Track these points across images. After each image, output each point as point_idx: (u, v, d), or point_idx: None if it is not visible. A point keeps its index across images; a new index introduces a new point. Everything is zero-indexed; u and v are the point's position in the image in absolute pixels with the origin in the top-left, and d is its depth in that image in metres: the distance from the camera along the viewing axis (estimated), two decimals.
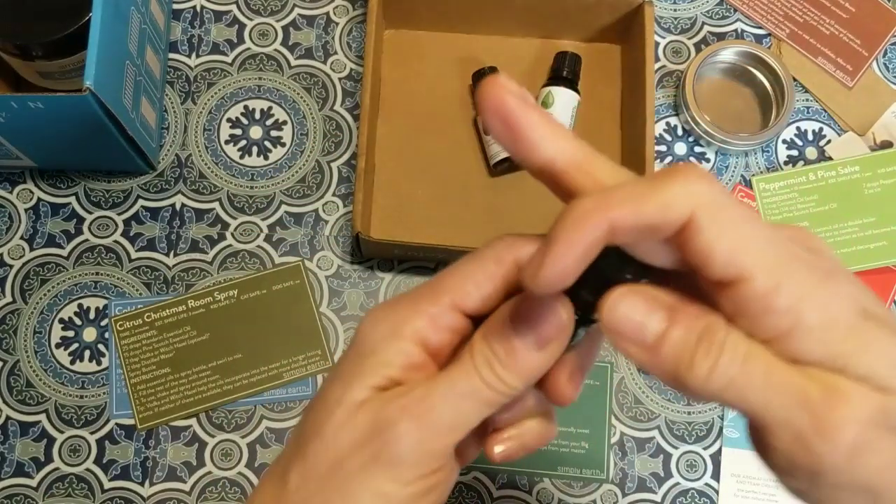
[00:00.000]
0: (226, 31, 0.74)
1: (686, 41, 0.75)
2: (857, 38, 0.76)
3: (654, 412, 0.67)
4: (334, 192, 0.70)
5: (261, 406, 0.66)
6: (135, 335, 0.67)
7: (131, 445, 0.65)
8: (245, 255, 0.69)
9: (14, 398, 0.66)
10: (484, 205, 0.70)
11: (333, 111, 0.72)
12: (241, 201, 0.70)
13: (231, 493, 0.64)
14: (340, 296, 0.68)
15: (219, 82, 0.72)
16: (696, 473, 0.66)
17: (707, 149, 0.73)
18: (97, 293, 0.68)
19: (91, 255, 0.68)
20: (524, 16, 0.71)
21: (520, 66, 0.73)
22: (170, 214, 0.69)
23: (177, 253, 0.69)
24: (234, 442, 0.65)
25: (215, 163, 0.71)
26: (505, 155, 0.68)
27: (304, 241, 0.69)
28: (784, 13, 0.76)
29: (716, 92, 0.74)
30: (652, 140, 0.65)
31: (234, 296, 0.68)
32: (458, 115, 0.72)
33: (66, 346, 0.67)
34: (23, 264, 0.68)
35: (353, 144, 0.71)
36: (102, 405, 0.66)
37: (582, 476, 0.65)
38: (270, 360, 0.66)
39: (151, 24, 0.68)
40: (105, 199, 0.70)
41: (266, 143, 0.71)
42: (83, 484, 0.64)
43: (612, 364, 0.67)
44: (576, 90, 0.70)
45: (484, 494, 0.65)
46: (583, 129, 0.71)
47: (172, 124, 0.71)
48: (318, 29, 0.74)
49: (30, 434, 0.65)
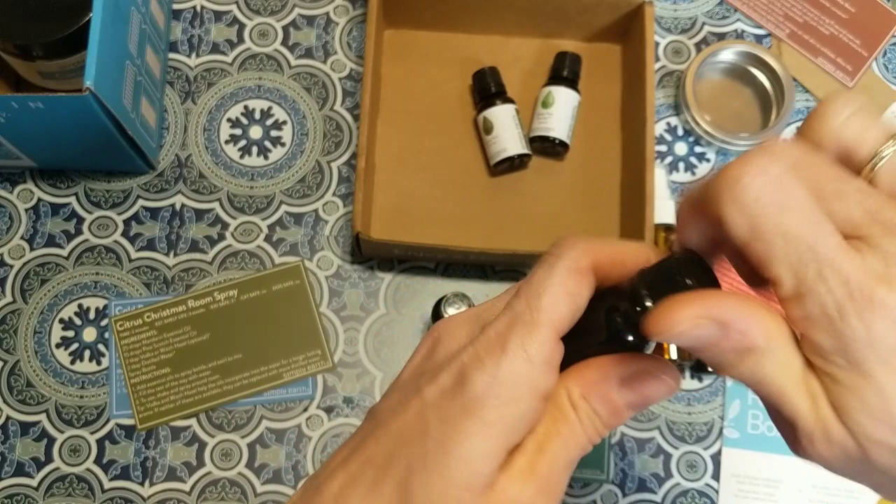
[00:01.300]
0: (226, 31, 0.74)
1: (686, 41, 0.75)
2: (857, 38, 0.76)
3: (654, 412, 0.67)
4: (334, 192, 0.70)
5: (261, 406, 0.66)
6: (135, 335, 0.67)
7: (131, 445, 0.65)
8: (245, 255, 0.69)
9: (14, 398, 0.66)
10: (484, 205, 0.70)
11: (333, 111, 0.72)
12: (241, 201, 0.70)
13: (231, 493, 0.64)
14: (340, 296, 0.68)
15: (219, 82, 0.72)
16: (696, 474, 0.66)
17: (707, 149, 0.73)
18: (97, 293, 0.68)
19: (91, 255, 0.68)
20: (524, 16, 0.71)
21: (520, 66, 0.73)
22: (170, 214, 0.69)
23: (177, 253, 0.69)
24: (234, 442, 0.65)
25: (215, 163, 0.71)
26: (505, 155, 0.68)
27: (304, 241, 0.69)
28: (784, 13, 0.76)
29: (716, 92, 0.74)
30: (652, 140, 0.65)
31: (234, 296, 0.68)
32: (458, 114, 0.72)
33: (67, 346, 0.67)
34: (23, 264, 0.68)
35: (353, 144, 0.72)
36: (102, 405, 0.66)
37: (582, 476, 0.65)
38: (270, 360, 0.66)
39: (151, 24, 0.68)
40: (105, 199, 0.70)
41: (266, 143, 0.71)
42: (83, 484, 0.64)
43: None
44: (576, 90, 0.70)
45: None
46: (583, 129, 0.72)
47: (172, 124, 0.71)
48: (318, 29, 0.74)
49: (30, 434, 0.65)
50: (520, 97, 0.71)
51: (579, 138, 0.71)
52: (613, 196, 0.70)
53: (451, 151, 0.71)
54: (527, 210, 0.70)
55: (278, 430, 0.66)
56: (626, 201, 0.69)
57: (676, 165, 0.72)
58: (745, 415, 0.67)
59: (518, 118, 0.69)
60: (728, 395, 0.67)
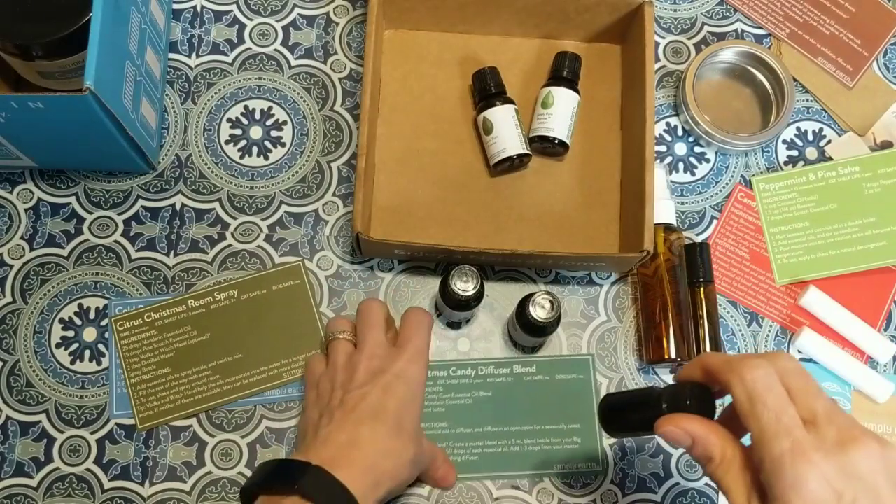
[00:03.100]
0: (226, 31, 0.74)
1: (686, 41, 0.75)
2: (857, 38, 0.76)
3: None
4: (334, 192, 0.70)
5: (261, 406, 0.66)
6: (135, 335, 0.67)
7: (131, 445, 0.65)
8: (245, 255, 0.69)
9: (14, 398, 0.66)
10: (484, 205, 0.70)
11: (333, 111, 0.72)
12: (241, 201, 0.70)
13: (231, 493, 0.64)
14: (340, 296, 0.68)
15: (219, 82, 0.72)
16: (696, 473, 0.66)
17: (707, 149, 0.73)
18: (97, 293, 0.68)
19: (91, 255, 0.68)
20: (524, 16, 0.71)
21: (520, 66, 0.73)
22: (170, 214, 0.69)
23: (177, 253, 0.69)
24: (234, 442, 0.65)
25: (215, 163, 0.71)
26: (505, 155, 0.68)
27: (304, 241, 0.69)
28: (784, 13, 0.76)
29: (716, 92, 0.74)
30: (652, 140, 0.65)
31: (234, 296, 0.68)
32: (458, 114, 0.72)
33: (67, 346, 0.67)
34: (23, 264, 0.68)
35: (353, 144, 0.72)
36: (102, 405, 0.66)
37: (579, 470, 0.65)
38: (270, 360, 0.66)
39: (151, 24, 0.68)
40: (105, 199, 0.70)
41: (266, 143, 0.71)
42: (83, 484, 0.64)
43: (593, 356, 0.68)
44: (576, 90, 0.70)
45: (484, 494, 0.65)
46: (583, 129, 0.72)
47: (172, 124, 0.71)
48: (318, 29, 0.74)
49: (30, 434, 0.65)
50: (520, 97, 0.71)
51: (579, 138, 0.71)
52: (613, 196, 0.70)
53: (451, 151, 0.71)
54: (527, 210, 0.70)
55: (278, 429, 0.66)
56: (626, 201, 0.69)
57: (676, 165, 0.72)
58: None
59: (518, 118, 0.69)
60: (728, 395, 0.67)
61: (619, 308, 0.69)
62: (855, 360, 0.68)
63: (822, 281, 0.70)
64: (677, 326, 0.65)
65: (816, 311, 0.69)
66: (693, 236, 0.71)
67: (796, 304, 0.70)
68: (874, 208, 0.71)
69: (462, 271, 0.62)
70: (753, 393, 0.41)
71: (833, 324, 0.69)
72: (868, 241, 0.71)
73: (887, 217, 0.71)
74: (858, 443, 0.38)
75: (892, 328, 0.70)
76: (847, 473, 0.37)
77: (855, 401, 0.68)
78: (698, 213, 0.71)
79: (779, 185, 0.72)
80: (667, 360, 0.65)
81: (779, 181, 0.72)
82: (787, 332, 0.69)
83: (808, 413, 0.40)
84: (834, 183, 0.72)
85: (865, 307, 0.70)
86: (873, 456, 0.38)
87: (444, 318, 0.68)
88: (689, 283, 0.67)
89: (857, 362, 0.68)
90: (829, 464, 0.38)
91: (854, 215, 0.71)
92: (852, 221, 0.71)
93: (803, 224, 0.71)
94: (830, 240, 0.71)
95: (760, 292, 0.70)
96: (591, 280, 0.69)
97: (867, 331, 0.68)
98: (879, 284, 0.70)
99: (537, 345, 0.67)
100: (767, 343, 0.69)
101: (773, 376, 0.41)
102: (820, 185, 0.72)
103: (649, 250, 0.62)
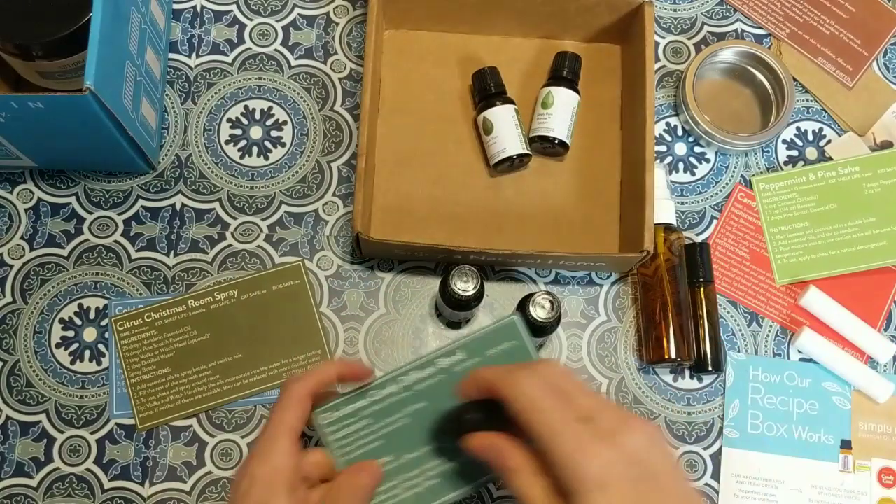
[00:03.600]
0: (226, 31, 0.74)
1: (686, 41, 0.75)
2: (857, 38, 0.76)
3: (653, 412, 0.67)
4: (334, 192, 0.70)
5: (261, 406, 0.66)
6: (135, 335, 0.67)
7: (131, 445, 0.65)
8: (245, 255, 0.69)
9: (14, 398, 0.66)
10: (484, 205, 0.70)
11: (333, 111, 0.72)
12: (241, 201, 0.70)
13: None
14: (340, 296, 0.68)
15: (219, 82, 0.72)
16: (696, 473, 0.66)
17: (707, 149, 0.73)
18: (97, 293, 0.68)
19: (91, 255, 0.68)
20: (524, 16, 0.71)
21: (520, 66, 0.73)
22: (170, 214, 0.69)
23: (177, 253, 0.69)
24: (234, 442, 0.65)
25: (215, 163, 0.71)
26: (505, 155, 0.68)
27: (304, 241, 0.69)
28: (784, 13, 0.76)
29: (716, 92, 0.74)
30: (652, 140, 0.65)
31: (234, 296, 0.68)
32: (458, 114, 0.72)
33: (67, 346, 0.67)
34: (23, 264, 0.68)
35: (353, 144, 0.72)
36: (102, 405, 0.66)
37: None
38: (270, 360, 0.67)
39: (151, 24, 0.68)
40: (105, 199, 0.70)
41: (266, 143, 0.71)
42: (83, 484, 0.64)
43: (514, 320, 0.53)
44: (576, 90, 0.70)
45: (484, 495, 0.65)
46: (583, 129, 0.72)
47: (172, 124, 0.71)
48: (318, 29, 0.74)
49: (30, 434, 0.65)
50: (520, 97, 0.71)
51: (579, 138, 0.71)
52: (613, 196, 0.70)
53: (451, 151, 0.71)
54: (527, 210, 0.70)
55: None
56: (626, 201, 0.69)
57: (676, 165, 0.72)
58: (745, 415, 0.67)
59: (518, 118, 0.69)
60: (728, 395, 0.67)
61: (619, 308, 0.69)
62: (855, 360, 0.68)
63: (822, 281, 0.70)
64: (677, 326, 0.65)
65: (816, 311, 0.69)
66: (693, 236, 0.71)
67: (796, 304, 0.70)
68: (874, 208, 0.71)
69: (462, 271, 0.62)
70: (531, 401, 0.44)
71: (833, 324, 0.69)
72: (868, 241, 0.71)
73: (887, 217, 0.71)
74: (630, 427, 0.42)
75: (892, 328, 0.70)
76: (626, 456, 0.41)
77: (855, 401, 0.68)
78: (698, 213, 0.71)
79: (779, 185, 0.72)
80: (667, 360, 0.65)
81: (779, 181, 0.72)
82: (787, 331, 0.69)
83: (582, 410, 0.43)
84: (834, 183, 0.72)
85: (865, 307, 0.70)
86: (645, 436, 0.42)
87: (445, 318, 0.68)
88: (689, 283, 0.67)
89: (857, 362, 0.68)
90: (610, 451, 0.41)
91: (854, 215, 0.71)
92: (852, 221, 0.71)
93: (803, 224, 0.71)
94: (830, 240, 0.71)
95: (760, 292, 0.70)
96: (591, 280, 0.69)
97: (867, 331, 0.68)
98: (879, 284, 0.71)
99: (537, 345, 0.67)
100: (768, 343, 0.69)
101: (544, 382, 0.44)
102: (820, 185, 0.72)
103: (649, 250, 0.62)
